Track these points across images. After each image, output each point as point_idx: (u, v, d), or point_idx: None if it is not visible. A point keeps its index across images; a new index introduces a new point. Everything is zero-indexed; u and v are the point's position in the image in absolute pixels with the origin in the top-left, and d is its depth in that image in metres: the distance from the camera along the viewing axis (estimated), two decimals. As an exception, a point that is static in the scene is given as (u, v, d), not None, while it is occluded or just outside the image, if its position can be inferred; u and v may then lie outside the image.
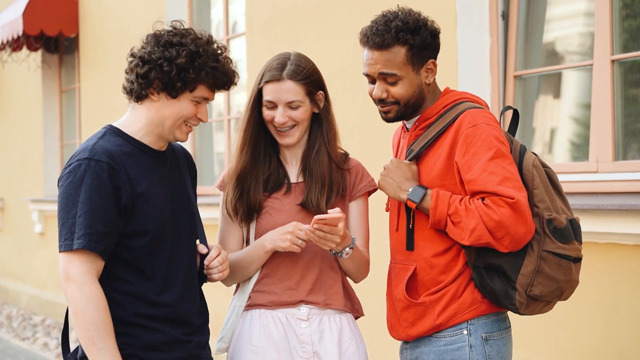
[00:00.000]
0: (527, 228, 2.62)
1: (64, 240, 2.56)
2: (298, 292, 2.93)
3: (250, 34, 6.48)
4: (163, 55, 2.59)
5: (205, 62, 2.61)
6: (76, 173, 2.58)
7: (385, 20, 2.78)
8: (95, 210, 2.55)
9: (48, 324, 9.53)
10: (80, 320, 2.54)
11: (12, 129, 11.38)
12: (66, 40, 10.00)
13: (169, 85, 2.62)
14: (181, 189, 2.80)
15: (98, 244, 2.55)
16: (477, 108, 2.77)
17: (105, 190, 2.56)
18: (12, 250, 11.38)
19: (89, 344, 2.54)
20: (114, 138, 2.67)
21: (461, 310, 2.74)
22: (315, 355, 2.91)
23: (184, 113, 2.67)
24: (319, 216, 2.73)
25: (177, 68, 2.59)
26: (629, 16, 4.25)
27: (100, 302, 2.55)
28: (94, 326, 2.53)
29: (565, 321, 4.09)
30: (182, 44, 2.61)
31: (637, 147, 4.23)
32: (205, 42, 2.65)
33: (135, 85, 2.65)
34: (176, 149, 2.90)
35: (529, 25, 4.66)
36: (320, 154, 2.97)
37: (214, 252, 2.81)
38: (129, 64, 2.67)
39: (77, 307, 2.54)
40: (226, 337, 2.99)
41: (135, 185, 2.62)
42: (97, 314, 2.53)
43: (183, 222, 2.77)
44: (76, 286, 2.54)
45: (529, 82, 4.72)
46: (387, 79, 2.78)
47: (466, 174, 2.67)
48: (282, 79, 2.89)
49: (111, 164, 2.58)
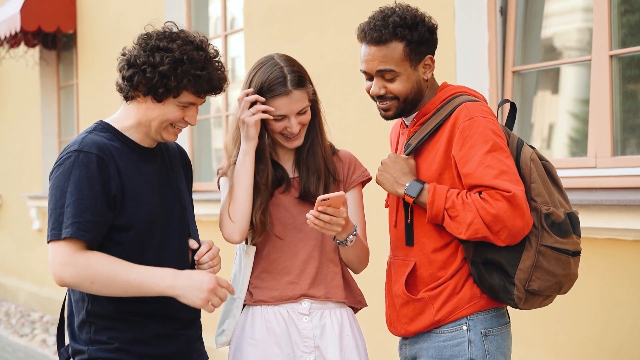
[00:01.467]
0: (524, 221, 2.61)
1: (51, 230, 2.56)
2: (299, 285, 2.93)
3: (249, 30, 6.47)
4: (147, 60, 2.58)
5: (188, 70, 2.58)
6: (65, 164, 2.58)
7: (383, 15, 2.77)
8: (83, 200, 2.54)
9: (46, 320, 9.53)
10: (101, 282, 2.52)
11: (10, 126, 11.37)
12: (64, 37, 9.98)
13: (152, 90, 2.61)
14: (172, 186, 2.79)
15: (87, 232, 2.53)
16: (473, 101, 2.77)
17: (93, 181, 2.56)
18: (10, 246, 11.38)
19: (128, 289, 2.54)
20: (104, 133, 2.68)
21: (460, 305, 2.74)
22: (317, 349, 2.92)
23: (169, 117, 2.66)
24: (322, 196, 2.70)
25: (159, 75, 2.58)
26: (628, 11, 4.25)
27: (101, 257, 2.53)
28: (115, 271, 2.52)
29: (564, 316, 4.09)
30: (168, 49, 2.59)
31: (635, 143, 4.23)
32: (194, 47, 2.62)
33: (123, 86, 2.66)
34: (170, 147, 2.90)
35: (527, 20, 4.66)
36: (313, 146, 2.98)
37: (204, 248, 2.79)
38: (119, 64, 2.67)
39: (87, 278, 2.52)
40: (228, 330, 2.99)
41: (123, 178, 2.62)
42: (108, 263, 2.52)
43: (173, 218, 2.76)
44: (70, 265, 2.52)
45: (527, 78, 4.72)
46: (385, 76, 2.77)
47: (463, 167, 2.67)
48: (290, 92, 2.87)
49: (100, 156, 2.58)
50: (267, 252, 2.96)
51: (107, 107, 8.67)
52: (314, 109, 2.98)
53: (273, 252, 2.95)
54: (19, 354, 7.99)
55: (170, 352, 2.71)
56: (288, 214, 2.94)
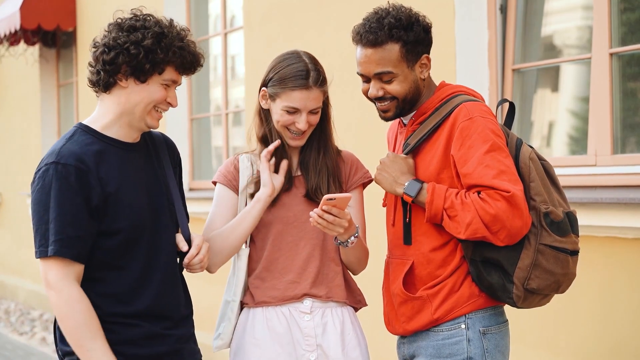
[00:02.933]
0: (523, 221, 2.61)
1: (38, 247, 2.57)
2: (301, 285, 2.92)
3: (248, 28, 6.46)
4: (129, 39, 2.58)
5: (172, 42, 2.60)
6: (44, 178, 2.57)
7: (378, 17, 2.76)
8: (65, 215, 2.54)
9: (46, 318, 9.53)
10: (65, 324, 2.56)
11: (10, 124, 11.37)
12: (64, 35, 9.98)
13: (137, 69, 2.60)
14: (159, 180, 2.78)
15: (70, 249, 2.54)
16: (472, 101, 2.76)
17: (73, 194, 2.55)
18: (10, 244, 11.37)
19: (78, 346, 2.56)
20: (83, 137, 2.65)
21: (459, 304, 2.74)
22: (319, 347, 2.91)
23: (154, 97, 2.65)
24: (328, 195, 2.70)
25: (145, 50, 2.57)
26: (627, 9, 4.25)
27: (81, 304, 2.55)
28: (79, 329, 2.54)
29: (563, 315, 4.09)
30: (146, 27, 2.61)
31: (635, 141, 4.23)
32: (168, 24, 2.65)
33: (102, 75, 2.63)
34: (155, 137, 2.87)
35: (527, 18, 4.65)
36: (320, 147, 2.98)
37: (194, 250, 2.77)
38: (94, 54, 2.65)
39: (59, 313, 2.56)
40: (224, 333, 2.98)
41: (105, 185, 2.60)
42: (79, 317, 2.54)
43: (162, 213, 2.74)
44: (55, 292, 2.55)
45: (527, 76, 4.71)
46: (383, 77, 2.77)
47: (462, 167, 2.67)
48: (310, 87, 2.87)
49: (78, 166, 2.57)
50: (267, 250, 2.96)
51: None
52: (325, 112, 2.99)
53: (274, 251, 2.95)
54: (18, 352, 7.99)
55: (160, 352, 2.70)
56: (290, 213, 2.94)
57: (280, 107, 2.89)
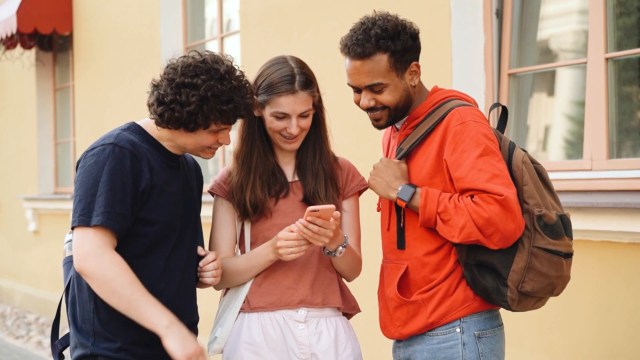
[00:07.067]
0: (517, 225, 2.61)
1: (79, 216, 2.62)
2: (297, 291, 2.92)
3: (245, 31, 6.47)
4: (175, 99, 2.65)
5: (214, 106, 2.65)
6: (100, 155, 2.65)
7: (364, 28, 2.76)
8: (115, 191, 2.62)
9: (42, 322, 9.51)
10: (112, 286, 2.58)
11: (6, 127, 11.36)
12: (60, 38, 9.97)
13: (183, 125, 2.69)
14: (190, 193, 2.88)
15: (116, 223, 2.61)
16: (465, 105, 2.77)
17: (125, 176, 2.64)
18: (6, 248, 11.36)
19: (130, 302, 2.59)
20: (136, 134, 2.76)
21: (453, 308, 2.74)
22: (313, 356, 2.91)
23: (202, 143, 2.76)
24: (312, 207, 2.72)
25: (187, 113, 2.66)
26: (623, 14, 4.26)
27: (123, 264, 2.60)
28: (130, 286, 2.58)
29: (559, 319, 4.10)
30: (193, 85, 2.65)
31: (631, 145, 4.24)
32: (219, 79, 2.66)
33: (155, 116, 2.73)
34: (188, 159, 2.97)
35: (523, 23, 4.66)
36: (316, 151, 2.98)
37: (210, 256, 2.86)
38: (149, 97, 2.73)
39: (103, 276, 2.58)
40: (221, 337, 2.98)
41: (153, 175, 2.70)
42: (128, 274, 2.59)
43: (189, 222, 2.83)
44: (96, 258, 2.58)
45: (523, 80, 4.72)
46: (374, 88, 2.78)
47: (455, 171, 2.67)
48: (296, 91, 2.87)
49: (133, 152, 2.67)
50: None
51: (104, 108, 8.67)
52: (319, 117, 2.98)
53: None
54: (14, 356, 7.98)
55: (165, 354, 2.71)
56: (288, 219, 2.93)
57: (269, 114, 2.90)
